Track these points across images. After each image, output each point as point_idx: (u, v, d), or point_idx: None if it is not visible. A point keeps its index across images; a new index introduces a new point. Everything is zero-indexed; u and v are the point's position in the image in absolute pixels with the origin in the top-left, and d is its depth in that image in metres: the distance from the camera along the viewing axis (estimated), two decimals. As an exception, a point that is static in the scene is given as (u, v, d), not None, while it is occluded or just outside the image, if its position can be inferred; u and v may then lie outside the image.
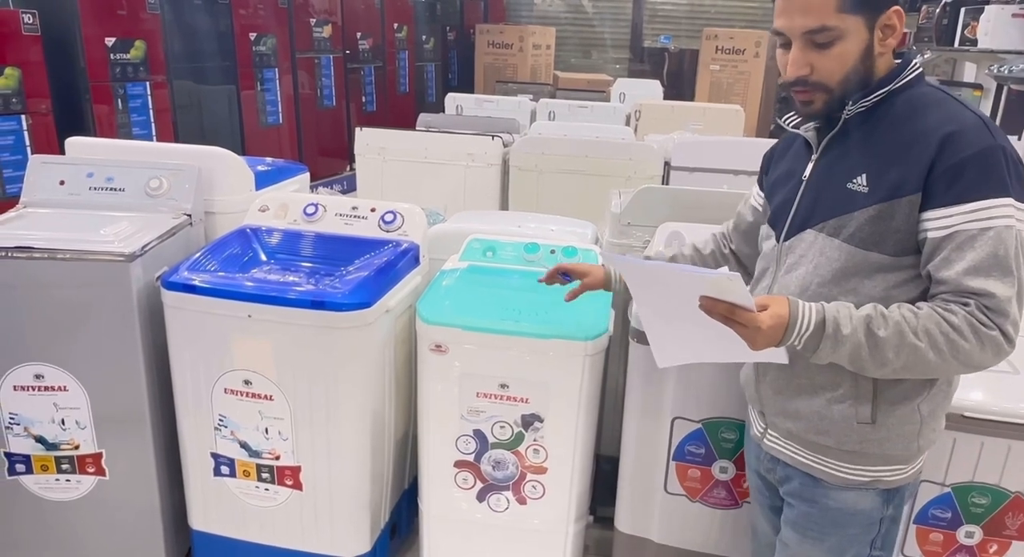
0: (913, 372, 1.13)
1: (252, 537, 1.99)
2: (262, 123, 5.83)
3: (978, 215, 1.08)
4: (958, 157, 1.08)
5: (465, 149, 4.02)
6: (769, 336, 1.09)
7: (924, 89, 1.18)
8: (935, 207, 1.10)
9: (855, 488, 1.27)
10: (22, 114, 4.09)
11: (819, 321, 1.10)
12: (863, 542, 1.30)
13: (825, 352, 1.11)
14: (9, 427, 1.92)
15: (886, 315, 1.10)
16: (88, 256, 1.80)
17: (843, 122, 1.20)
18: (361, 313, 1.76)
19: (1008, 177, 1.08)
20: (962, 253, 1.08)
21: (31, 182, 2.13)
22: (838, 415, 1.23)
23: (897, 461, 1.25)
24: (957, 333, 1.07)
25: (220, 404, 1.87)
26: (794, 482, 1.33)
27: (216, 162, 2.27)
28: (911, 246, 1.14)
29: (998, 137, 1.10)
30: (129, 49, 4.62)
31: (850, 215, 1.16)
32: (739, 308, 1.08)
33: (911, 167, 1.11)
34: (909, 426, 1.22)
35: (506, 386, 1.82)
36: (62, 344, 1.86)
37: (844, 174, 1.19)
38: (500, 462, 1.90)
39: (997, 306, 1.07)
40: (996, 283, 1.07)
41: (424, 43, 8.40)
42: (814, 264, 1.22)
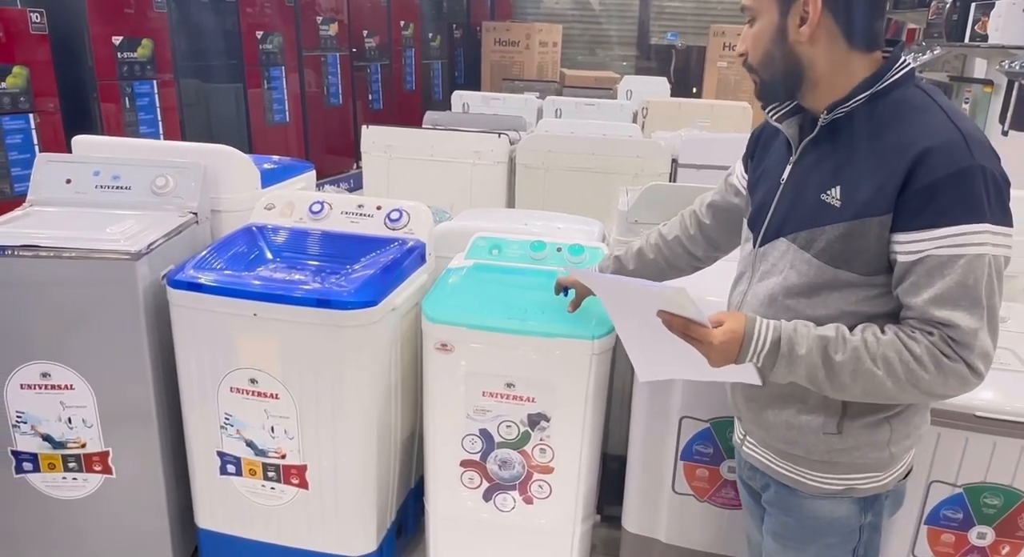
0: (873, 397, 1.11)
1: (258, 536, 1.99)
2: (269, 121, 5.84)
3: (949, 241, 1.03)
4: (931, 178, 1.03)
5: (472, 147, 4.01)
6: (723, 352, 1.08)
7: (910, 92, 1.12)
8: (906, 230, 1.05)
9: (829, 497, 1.24)
10: (30, 113, 4.10)
11: (775, 340, 1.09)
12: (844, 550, 1.28)
13: (781, 372, 1.10)
14: (16, 425, 1.92)
15: (846, 339, 1.07)
16: (94, 254, 1.80)
17: (819, 130, 1.17)
18: (367, 312, 1.75)
19: (985, 200, 1.02)
20: (931, 280, 1.04)
21: (38, 180, 2.13)
22: (805, 425, 1.21)
23: (869, 469, 1.22)
24: (917, 363, 1.04)
25: (226, 402, 1.87)
26: (771, 490, 1.32)
27: (222, 160, 2.27)
28: (882, 265, 1.10)
29: (978, 155, 1.03)
30: (136, 48, 4.63)
31: (821, 228, 1.13)
32: (693, 323, 1.08)
33: (883, 185, 1.06)
34: (878, 436, 1.19)
35: (512, 385, 1.81)
36: (68, 343, 1.86)
37: (819, 184, 1.15)
38: (506, 461, 1.89)
39: (961, 338, 1.03)
40: (962, 314, 1.03)
41: (431, 41, 8.39)
42: (783, 275, 1.19)
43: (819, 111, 1.16)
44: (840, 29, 1.12)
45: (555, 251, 2.04)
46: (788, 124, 1.22)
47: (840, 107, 1.13)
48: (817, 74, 1.14)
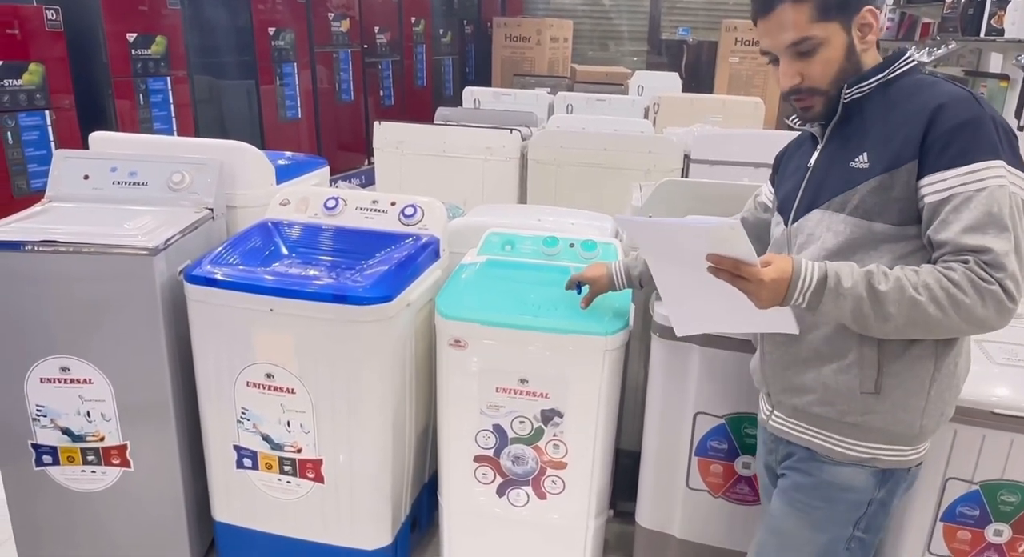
0: (917, 328, 1.14)
1: (274, 529, 2.00)
2: (281, 117, 5.86)
3: (972, 177, 1.11)
4: (949, 124, 1.13)
5: (483, 143, 4.01)
6: (772, 290, 1.12)
7: (917, 77, 1.24)
8: (931, 172, 1.14)
9: (852, 464, 1.28)
10: (46, 110, 4.14)
11: (821, 276, 1.13)
12: (847, 521, 1.31)
13: (828, 307, 1.14)
14: (36, 419, 1.94)
15: (887, 272, 1.13)
16: (112, 250, 1.82)
17: (843, 108, 1.26)
18: (382, 307, 1.76)
19: (999, 142, 1.12)
20: (959, 214, 1.11)
21: (56, 177, 2.15)
22: (843, 385, 1.24)
23: (899, 440, 1.26)
24: (957, 288, 1.09)
25: (243, 397, 1.88)
26: (794, 457, 1.35)
27: (237, 156, 2.28)
28: (913, 215, 1.18)
29: (987, 108, 1.15)
30: (150, 44, 4.66)
31: (854, 189, 1.21)
32: (742, 263, 1.11)
33: (907, 139, 1.16)
34: (914, 400, 1.23)
35: (526, 381, 1.82)
36: (87, 337, 1.88)
37: (847, 156, 1.24)
38: (520, 457, 1.89)
39: (995, 261, 1.09)
40: (992, 239, 1.10)
41: (441, 37, 8.40)
42: (821, 241, 1.25)
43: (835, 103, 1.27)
44: None
45: (568, 247, 2.05)
46: (813, 125, 1.34)
47: (860, 86, 1.24)
48: (865, 70, 1.25)
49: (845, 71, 1.24)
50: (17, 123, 3.99)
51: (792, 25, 1.21)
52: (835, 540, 1.32)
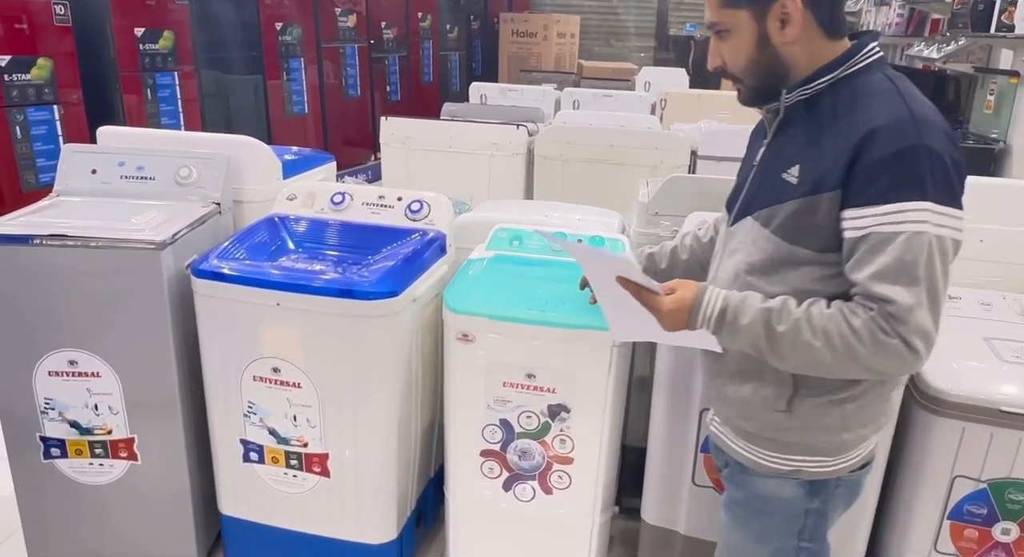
0: (814, 369, 1.12)
1: (280, 523, 2.01)
2: (288, 113, 5.87)
3: (891, 218, 1.05)
4: (876, 156, 1.05)
5: (490, 138, 4.00)
6: (672, 318, 1.16)
7: (874, 77, 1.14)
8: (852, 206, 1.08)
9: (777, 476, 1.26)
10: (54, 104, 4.16)
11: (722, 308, 1.14)
12: (788, 533, 1.29)
13: (725, 339, 1.15)
14: (44, 412, 1.95)
15: (790, 311, 1.10)
16: (120, 244, 1.82)
17: (784, 111, 1.20)
18: (388, 302, 1.76)
19: (928, 178, 1.04)
20: (873, 256, 1.06)
21: (64, 171, 2.15)
22: (759, 402, 1.23)
23: (819, 453, 1.23)
24: (855, 336, 1.06)
25: (249, 391, 1.89)
26: (729, 467, 1.36)
27: (245, 151, 2.29)
28: (833, 243, 1.13)
29: (925, 136, 1.05)
30: (158, 39, 4.67)
31: (780, 206, 1.17)
32: (644, 290, 1.16)
33: (834, 162, 1.09)
34: (828, 419, 1.20)
35: (533, 376, 1.81)
36: (95, 331, 1.89)
37: (782, 163, 1.19)
38: (526, 452, 1.89)
39: (898, 313, 1.04)
40: (900, 290, 1.04)
41: (448, 32, 8.39)
42: (747, 252, 1.23)
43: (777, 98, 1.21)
44: (817, 22, 1.15)
45: (575, 243, 2.04)
46: (768, 108, 1.25)
47: (802, 89, 1.17)
48: (800, 70, 1.18)
49: (760, 64, 1.18)
50: (26, 117, 4.01)
51: (709, 6, 1.20)
52: (780, 551, 1.30)
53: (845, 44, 1.17)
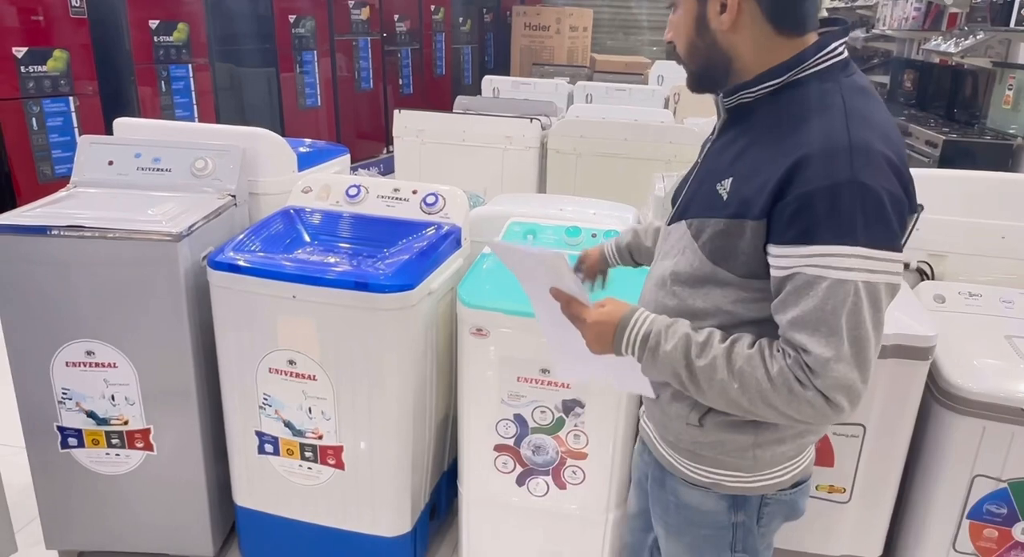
0: (734, 410, 1.05)
1: (295, 514, 2.02)
2: (301, 105, 5.88)
3: (816, 261, 0.96)
4: (802, 189, 0.96)
5: (503, 132, 4.00)
6: (597, 333, 1.08)
7: (826, 87, 1.03)
8: (777, 243, 0.99)
9: (698, 487, 1.22)
10: (70, 96, 4.18)
11: (647, 333, 1.06)
12: (720, 546, 1.24)
13: (647, 366, 1.08)
14: (62, 402, 1.96)
15: (711, 346, 1.03)
16: (137, 235, 1.83)
17: (727, 113, 1.12)
18: (404, 295, 1.76)
19: (858, 219, 0.94)
20: (796, 299, 0.97)
21: (81, 162, 2.16)
22: (674, 413, 1.19)
23: (735, 468, 1.17)
24: (770, 383, 0.98)
25: (265, 383, 1.89)
26: (654, 468, 1.31)
27: (260, 143, 2.29)
28: (758, 270, 1.04)
29: (859, 170, 0.94)
30: (172, 31, 4.69)
31: (708, 220, 1.08)
32: (574, 300, 1.10)
33: (762, 188, 1.00)
34: (739, 439, 1.14)
35: (547, 371, 1.81)
36: (112, 322, 1.90)
37: (720, 170, 1.10)
38: (540, 447, 1.89)
39: (814, 365, 0.95)
40: (816, 341, 0.95)
41: (461, 25, 8.37)
42: (675, 260, 1.16)
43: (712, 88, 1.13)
44: (764, 13, 1.04)
45: (590, 237, 2.03)
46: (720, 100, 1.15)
47: (743, 92, 1.07)
48: (744, 64, 1.07)
49: (698, 47, 1.09)
50: (42, 109, 4.04)
51: None
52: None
53: (806, 41, 1.06)
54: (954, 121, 5.85)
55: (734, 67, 1.08)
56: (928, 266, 2.06)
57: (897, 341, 1.59)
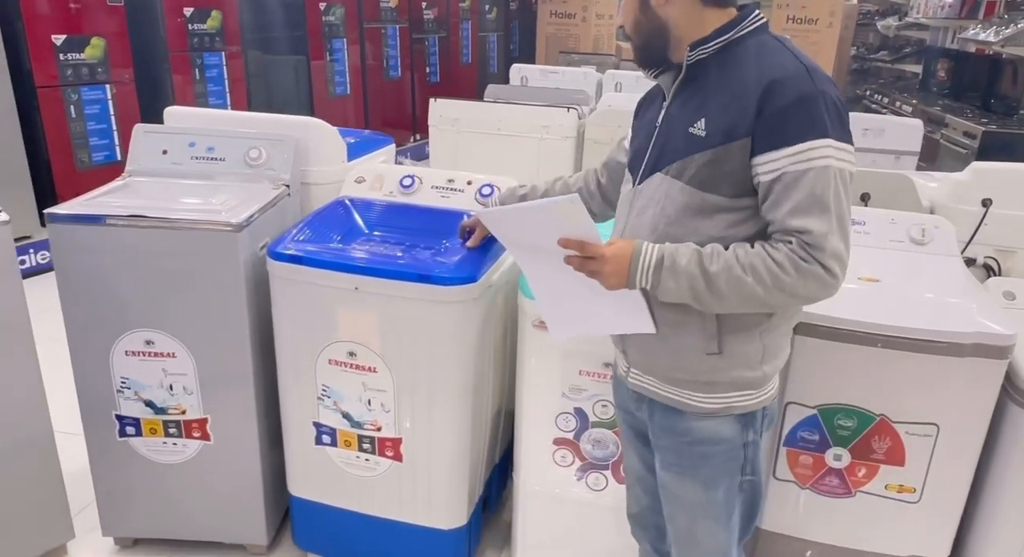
0: (748, 305, 1.20)
1: (350, 505, 2.02)
2: (331, 93, 5.87)
3: (799, 157, 1.15)
4: (779, 104, 1.16)
5: (540, 121, 3.96)
6: (615, 265, 1.21)
7: (763, 38, 1.25)
8: (763, 152, 1.18)
9: (713, 416, 1.33)
10: (107, 83, 4.19)
11: (659, 255, 1.21)
12: (732, 471, 1.36)
13: (668, 286, 1.20)
14: (120, 391, 1.97)
15: (719, 252, 1.20)
16: (199, 225, 1.82)
17: (686, 69, 1.28)
18: (467, 287, 1.74)
19: (827, 119, 1.15)
20: (787, 194, 1.16)
21: (135, 151, 2.16)
22: (689, 350, 1.30)
23: (746, 387, 1.32)
24: (780, 268, 1.15)
25: (324, 374, 1.89)
26: (659, 417, 1.40)
27: (311, 132, 2.27)
28: (746, 188, 1.22)
29: (819, 83, 1.17)
30: (206, 19, 4.67)
31: (691, 158, 1.24)
32: (586, 242, 1.21)
33: (740, 114, 1.19)
34: (753, 355, 1.29)
35: (610, 365, 1.79)
36: (171, 311, 1.90)
37: (687, 119, 1.26)
38: (600, 441, 1.88)
39: (815, 242, 1.14)
40: (814, 220, 1.14)
41: (487, 13, 8.30)
42: (660, 206, 1.29)
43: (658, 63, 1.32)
44: None
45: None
46: (663, 78, 1.35)
47: (702, 47, 1.26)
48: (680, 33, 1.28)
49: (642, 24, 1.30)
50: (80, 97, 4.05)
51: None
52: (729, 490, 1.37)
53: (731, 13, 1.27)
54: (991, 112, 5.74)
55: (672, 36, 1.28)
56: (995, 262, 2.02)
57: (976, 340, 1.56)
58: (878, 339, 1.61)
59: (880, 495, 1.72)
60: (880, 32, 8.97)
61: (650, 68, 1.35)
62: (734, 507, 1.39)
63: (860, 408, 1.66)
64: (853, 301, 1.61)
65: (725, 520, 1.39)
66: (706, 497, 1.37)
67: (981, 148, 4.93)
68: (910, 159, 3.63)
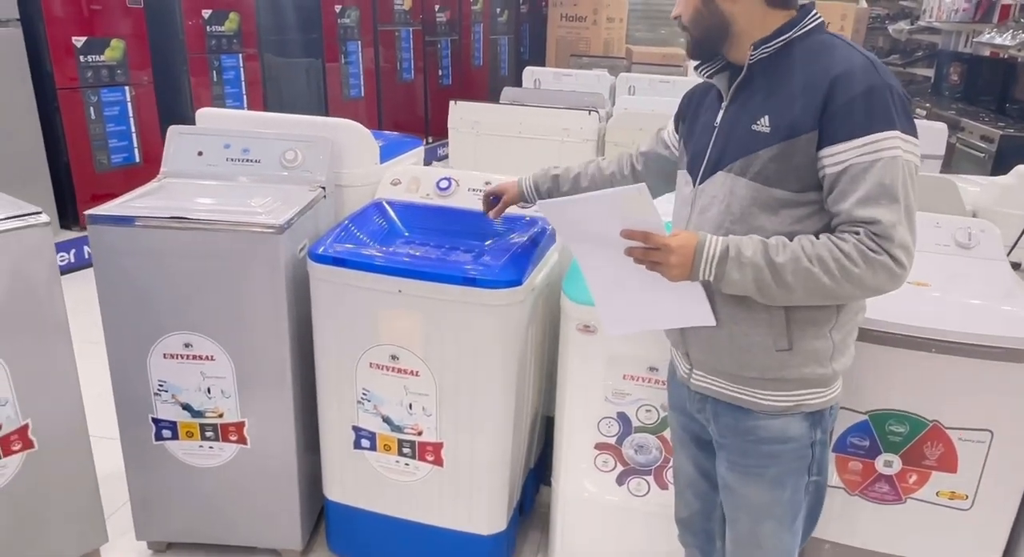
0: (814, 297, 1.19)
1: (388, 510, 2.00)
2: (345, 96, 5.86)
3: (868, 148, 1.15)
4: (848, 95, 1.16)
5: (561, 124, 3.95)
6: (680, 256, 1.19)
7: (822, 37, 1.26)
8: (830, 143, 1.17)
9: (782, 414, 1.32)
10: (126, 85, 4.18)
11: (724, 246, 1.19)
12: (800, 470, 1.35)
13: (733, 277, 1.19)
14: (158, 394, 1.95)
15: (785, 243, 1.19)
16: (241, 227, 1.81)
17: (747, 69, 1.28)
18: (513, 291, 1.73)
19: (894, 111, 1.15)
20: (855, 185, 1.15)
21: (171, 152, 2.14)
22: (758, 347, 1.28)
23: (816, 384, 1.30)
24: (848, 259, 1.14)
25: (365, 378, 1.87)
26: (725, 417, 1.37)
27: (345, 134, 2.26)
28: (812, 182, 1.21)
29: (883, 76, 1.18)
30: (224, 21, 4.67)
31: (755, 154, 1.23)
32: (651, 233, 1.19)
33: (806, 108, 1.19)
34: (823, 351, 1.28)
35: (655, 369, 1.78)
36: (211, 314, 1.88)
37: (749, 117, 1.26)
38: (643, 446, 1.86)
39: (883, 232, 1.13)
40: (883, 210, 1.14)
41: (498, 16, 8.30)
42: (725, 203, 1.28)
43: (743, 61, 1.29)
44: None
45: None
46: (719, 79, 1.36)
47: (765, 46, 1.26)
48: (739, 29, 1.28)
49: (704, 18, 1.29)
50: (100, 98, 4.04)
51: None
52: (795, 490, 1.36)
53: (791, 13, 1.27)
54: (1007, 116, 5.73)
55: (732, 32, 1.28)
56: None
57: (1033, 344, 1.54)
58: (931, 344, 1.59)
59: (931, 502, 1.70)
60: (891, 36, 8.96)
61: (703, 61, 1.35)
62: (800, 509, 1.37)
63: (912, 413, 1.64)
64: (904, 305, 1.59)
65: (790, 522, 1.37)
66: (772, 498, 1.36)
67: (999, 152, 4.92)
68: (934, 163, 3.61)
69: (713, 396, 1.38)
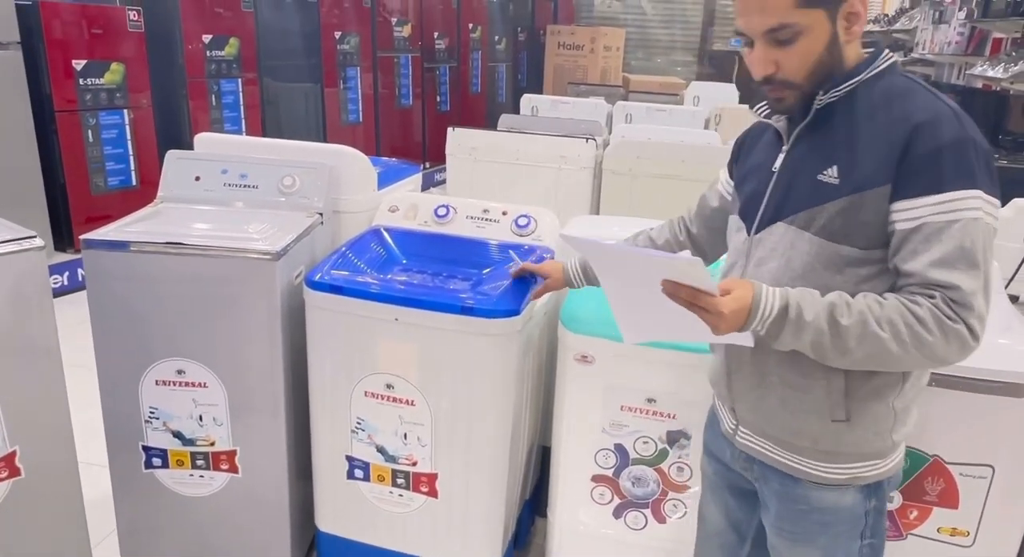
0: (875, 363, 1.09)
1: (380, 542, 1.97)
2: (343, 121, 5.89)
3: (946, 207, 1.05)
4: (927, 148, 1.06)
5: (559, 151, 3.97)
6: (732, 321, 1.07)
7: (895, 79, 1.15)
8: (904, 198, 1.08)
9: (834, 486, 1.23)
10: (124, 108, 4.19)
11: (783, 306, 1.07)
12: (852, 536, 1.27)
13: (787, 338, 1.09)
14: (148, 421, 1.92)
15: (850, 304, 1.07)
16: (237, 253, 1.80)
17: (814, 112, 1.18)
18: (511, 320, 1.71)
19: (976, 169, 1.05)
20: (929, 245, 1.05)
21: (168, 177, 2.14)
22: (812, 415, 1.20)
23: (873, 457, 1.22)
24: (921, 325, 1.04)
25: (359, 407, 1.85)
26: (773, 482, 1.29)
27: (344, 160, 2.26)
28: (881, 239, 1.12)
29: (968, 129, 1.07)
30: (224, 46, 4.71)
31: (821, 207, 1.14)
32: (701, 293, 1.05)
33: (881, 158, 1.09)
34: (883, 422, 1.19)
35: (653, 400, 1.76)
36: (204, 340, 1.86)
37: (815, 165, 1.16)
38: (640, 478, 1.84)
39: (962, 299, 1.04)
40: (962, 276, 1.04)
41: (496, 43, 8.39)
42: (786, 258, 1.18)
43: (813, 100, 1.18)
44: None
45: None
46: (777, 119, 1.24)
47: (835, 90, 1.16)
48: (844, 69, 1.16)
49: (824, 65, 1.14)
50: (98, 121, 4.05)
51: (773, 8, 1.10)
52: (849, 554, 1.28)
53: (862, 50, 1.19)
54: (1001, 147, 5.79)
55: (836, 72, 1.15)
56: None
57: (1034, 379, 1.53)
58: (931, 378, 1.57)
59: (932, 538, 1.68)
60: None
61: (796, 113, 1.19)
62: None
63: (913, 448, 1.63)
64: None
65: None
66: None
67: (992, 183, 4.96)
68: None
69: (759, 459, 1.30)
